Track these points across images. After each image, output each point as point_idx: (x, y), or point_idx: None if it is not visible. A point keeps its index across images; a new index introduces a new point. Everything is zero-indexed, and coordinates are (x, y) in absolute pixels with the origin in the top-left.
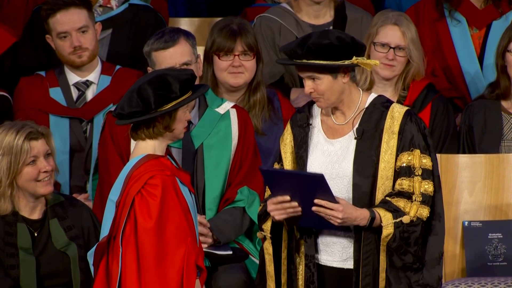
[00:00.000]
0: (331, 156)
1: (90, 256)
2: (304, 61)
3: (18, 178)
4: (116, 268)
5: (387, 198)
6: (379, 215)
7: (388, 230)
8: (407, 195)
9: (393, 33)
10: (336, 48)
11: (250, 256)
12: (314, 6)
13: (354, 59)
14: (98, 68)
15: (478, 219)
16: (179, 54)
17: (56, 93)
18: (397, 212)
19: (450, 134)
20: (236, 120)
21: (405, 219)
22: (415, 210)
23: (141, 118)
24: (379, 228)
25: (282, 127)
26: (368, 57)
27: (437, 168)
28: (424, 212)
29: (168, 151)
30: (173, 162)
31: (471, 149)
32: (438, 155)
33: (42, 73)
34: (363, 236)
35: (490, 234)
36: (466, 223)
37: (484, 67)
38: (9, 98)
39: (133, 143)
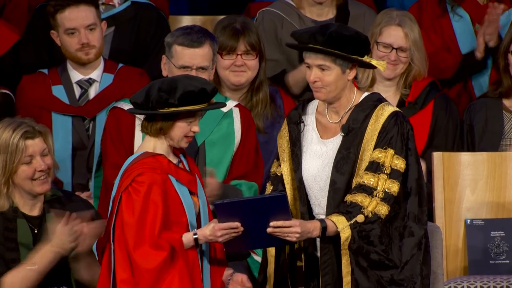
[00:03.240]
0: (322, 158)
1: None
2: (325, 47)
3: (14, 176)
4: (109, 263)
5: (347, 195)
6: (332, 221)
7: (345, 233)
8: (368, 190)
9: (396, 34)
10: (355, 43)
11: (252, 254)
12: (317, 6)
13: (366, 58)
14: (101, 66)
15: (480, 217)
16: (199, 56)
17: (58, 91)
18: (350, 214)
19: (457, 132)
20: (239, 119)
21: (360, 218)
22: (374, 206)
23: (139, 111)
24: (337, 235)
25: None
26: (371, 56)
27: (415, 172)
28: (383, 209)
29: (182, 150)
30: (184, 161)
31: (471, 148)
32: (440, 153)
33: (45, 71)
34: (320, 247)
35: (492, 232)
36: (468, 221)
37: (488, 64)
38: (11, 95)
39: (136, 140)
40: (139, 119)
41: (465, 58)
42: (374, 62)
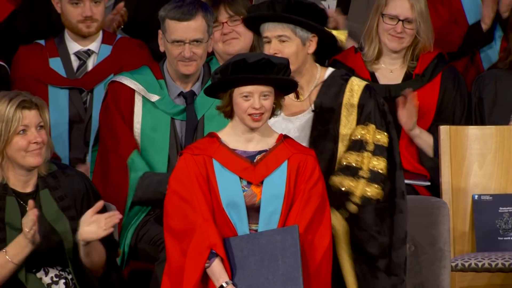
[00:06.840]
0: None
1: None
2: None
3: (8, 148)
4: None
5: (333, 177)
6: None
7: (344, 227)
8: (354, 170)
9: (402, 5)
10: (316, 11)
11: None
12: None
13: (328, 30)
14: (99, 38)
15: (488, 193)
16: (192, 29)
17: (56, 64)
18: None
19: (465, 105)
20: None
21: (352, 208)
22: (361, 189)
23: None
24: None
25: None
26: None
27: (398, 145)
28: (372, 191)
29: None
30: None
31: (480, 122)
32: (447, 127)
33: (42, 42)
34: None
35: (500, 208)
36: (476, 196)
37: (496, 36)
38: (7, 68)
39: (136, 115)
40: (138, 94)
41: (471, 28)
42: (335, 32)
